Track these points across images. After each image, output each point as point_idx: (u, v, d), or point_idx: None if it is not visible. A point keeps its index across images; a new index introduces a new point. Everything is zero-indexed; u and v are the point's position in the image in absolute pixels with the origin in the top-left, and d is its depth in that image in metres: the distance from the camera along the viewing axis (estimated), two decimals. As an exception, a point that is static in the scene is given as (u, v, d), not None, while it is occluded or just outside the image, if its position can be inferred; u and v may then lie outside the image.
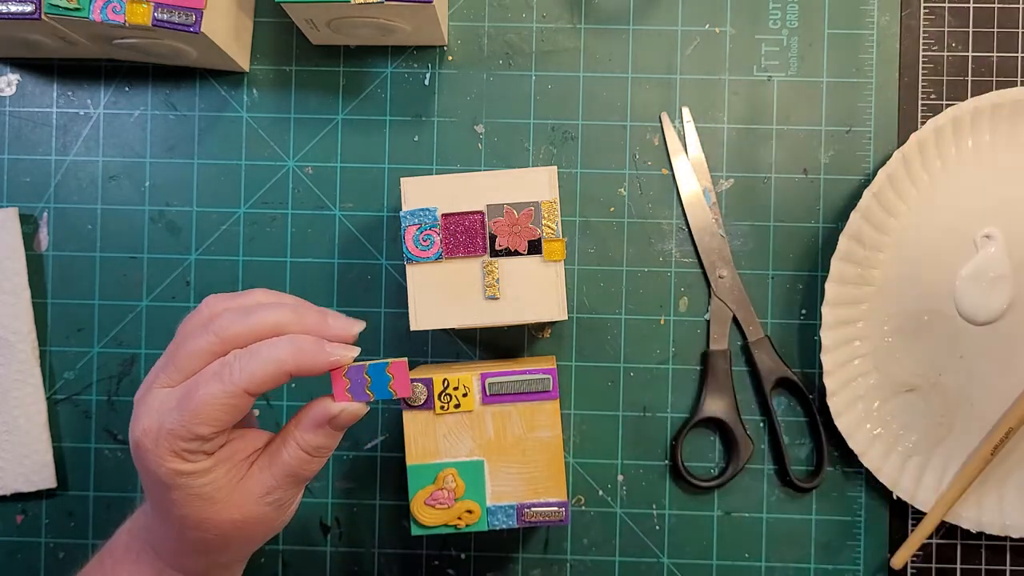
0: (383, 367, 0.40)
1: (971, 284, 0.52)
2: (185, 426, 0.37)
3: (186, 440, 0.37)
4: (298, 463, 0.40)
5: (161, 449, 0.37)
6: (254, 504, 0.39)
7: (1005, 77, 0.54)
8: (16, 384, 0.53)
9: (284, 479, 0.40)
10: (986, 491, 0.52)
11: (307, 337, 0.39)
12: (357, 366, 0.40)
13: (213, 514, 0.39)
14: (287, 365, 0.38)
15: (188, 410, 0.37)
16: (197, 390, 0.37)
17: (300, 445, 0.40)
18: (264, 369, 0.37)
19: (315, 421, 0.40)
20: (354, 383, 0.40)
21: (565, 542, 0.54)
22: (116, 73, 0.55)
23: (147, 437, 0.38)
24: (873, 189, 0.51)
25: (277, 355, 0.37)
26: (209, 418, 0.37)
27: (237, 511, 0.39)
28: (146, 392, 0.39)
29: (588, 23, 0.55)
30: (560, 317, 0.46)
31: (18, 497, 0.54)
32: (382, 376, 0.40)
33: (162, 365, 0.40)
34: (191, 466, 0.38)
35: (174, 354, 0.39)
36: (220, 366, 0.38)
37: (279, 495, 0.40)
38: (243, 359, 0.38)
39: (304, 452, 0.40)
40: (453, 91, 0.55)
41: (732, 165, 0.54)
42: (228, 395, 0.37)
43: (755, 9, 0.55)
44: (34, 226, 0.55)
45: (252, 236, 0.55)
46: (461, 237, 0.47)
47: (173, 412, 0.37)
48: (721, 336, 0.54)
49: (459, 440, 0.45)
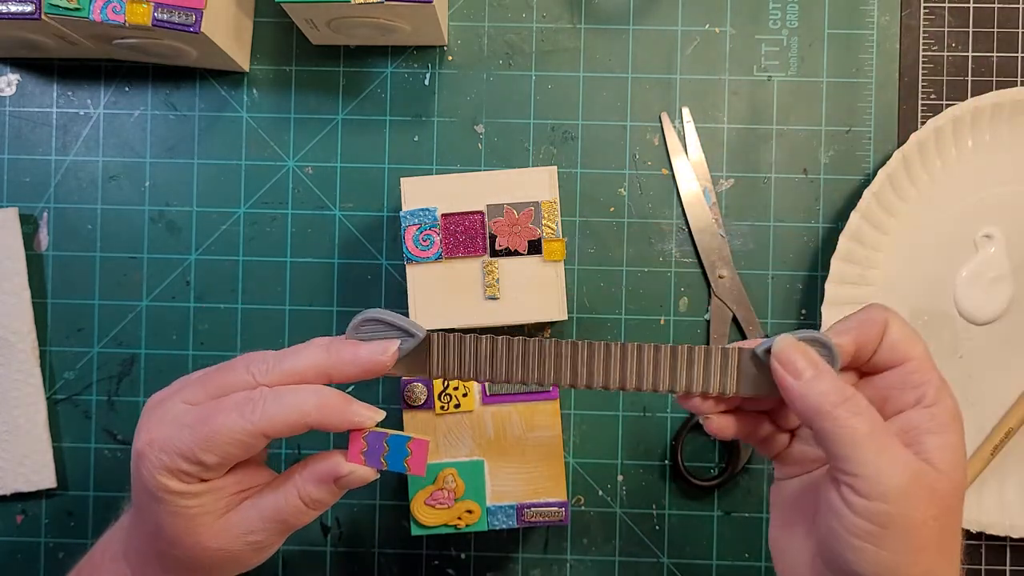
0: (404, 441, 0.39)
1: (971, 284, 0.52)
2: (193, 449, 0.36)
3: (189, 462, 0.36)
4: (292, 512, 0.39)
5: (160, 462, 0.37)
6: (233, 539, 0.38)
7: (1005, 77, 0.54)
8: (16, 384, 0.53)
9: (273, 524, 0.39)
10: (986, 491, 0.52)
11: (335, 393, 0.38)
12: (378, 432, 0.39)
13: (189, 536, 0.38)
14: (310, 417, 0.37)
15: (200, 434, 0.36)
16: (215, 417, 0.36)
17: (300, 495, 0.39)
18: (286, 416, 0.36)
19: (321, 476, 0.39)
20: (371, 448, 0.39)
21: (565, 542, 0.54)
22: (116, 73, 0.55)
23: (151, 447, 0.37)
24: (873, 189, 0.51)
25: (301, 405, 0.37)
26: (219, 449, 0.36)
27: (214, 540, 0.38)
28: (163, 401, 0.39)
29: (588, 23, 0.55)
30: (560, 317, 0.46)
31: (18, 497, 0.54)
32: (401, 449, 0.39)
33: (190, 382, 0.39)
34: (183, 487, 0.37)
35: (206, 378, 0.39)
36: (244, 400, 0.37)
37: (261, 537, 0.39)
38: (268, 400, 0.37)
39: (302, 503, 0.39)
40: (453, 91, 0.55)
41: (732, 165, 0.54)
42: (244, 432, 0.36)
43: (755, 9, 0.55)
44: (34, 226, 0.55)
45: (252, 236, 0.55)
46: (461, 237, 0.47)
47: (185, 430, 0.36)
48: (721, 336, 0.54)
49: (459, 440, 0.45)
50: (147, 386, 0.55)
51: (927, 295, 0.53)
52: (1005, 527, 0.52)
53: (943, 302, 0.53)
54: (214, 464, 0.37)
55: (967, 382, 0.52)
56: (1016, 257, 0.52)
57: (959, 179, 0.52)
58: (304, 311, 0.55)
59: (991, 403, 0.53)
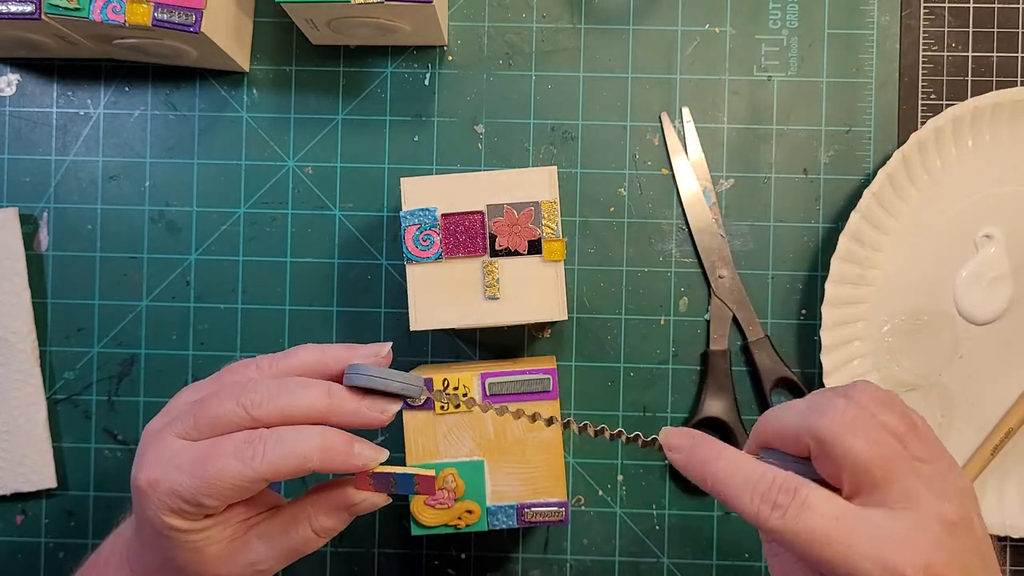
0: (410, 478, 0.39)
1: (971, 284, 0.52)
2: (193, 493, 0.36)
3: (190, 505, 0.36)
4: (303, 543, 0.39)
5: (163, 504, 0.36)
6: (240, 568, 0.38)
7: (1005, 77, 0.54)
8: (16, 384, 0.53)
9: (280, 553, 0.39)
10: (986, 491, 0.52)
11: (337, 436, 0.37)
12: (383, 474, 0.39)
13: (195, 565, 0.38)
14: (312, 462, 0.36)
15: (199, 478, 0.36)
16: (214, 462, 0.36)
17: (313, 527, 0.39)
18: (287, 462, 0.36)
19: (334, 506, 0.39)
20: (377, 482, 0.39)
21: (565, 542, 0.54)
22: (116, 73, 0.55)
23: (152, 489, 0.36)
24: (873, 189, 0.51)
25: (304, 450, 0.36)
26: (219, 493, 0.36)
27: (222, 568, 0.38)
28: (158, 433, 0.38)
29: (588, 23, 0.55)
30: (560, 317, 0.46)
31: (18, 497, 0.54)
32: (407, 484, 0.40)
33: (182, 412, 0.38)
34: (188, 524, 0.37)
35: (199, 409, 0.38)
36: (244, 444, 0.36)
37: (268, 566, 0.39)
38: (269, 445, 0.36)
39: (314, 534, 0.39)
40: (453, 91, 0.55)
41: (732, 165, 0.54)
42: (244, 478, 0.36)
43: (755, 9, 0.54)
44: (34, 226, 0.55)
45: (252, 236, 0.55)
46: (461, 237, 0.47)
47: (184, 474, 0.36)
48: (721, 336, 0.54)
49: (459, 440, 0.45)
50: (147, 386, 0.55)
51: (927, 295, 0.53)
52: (1005, 527, 0.52)
53: (943, 302, 0.53)
54: (215, 506, 0.37)
55: (967, 382, 0.53)
56: (1016, 257, 0.52)
57: (959, 179, 0.52)
58: (304, 311, 0.55)
59: (991, 403, 0.53)
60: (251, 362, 0.40)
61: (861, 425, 0.32)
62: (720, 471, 0.34)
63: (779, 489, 0.32)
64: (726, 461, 0.34)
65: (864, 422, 0.32)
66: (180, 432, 0.37)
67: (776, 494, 0.32)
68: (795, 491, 0.32)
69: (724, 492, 0.33)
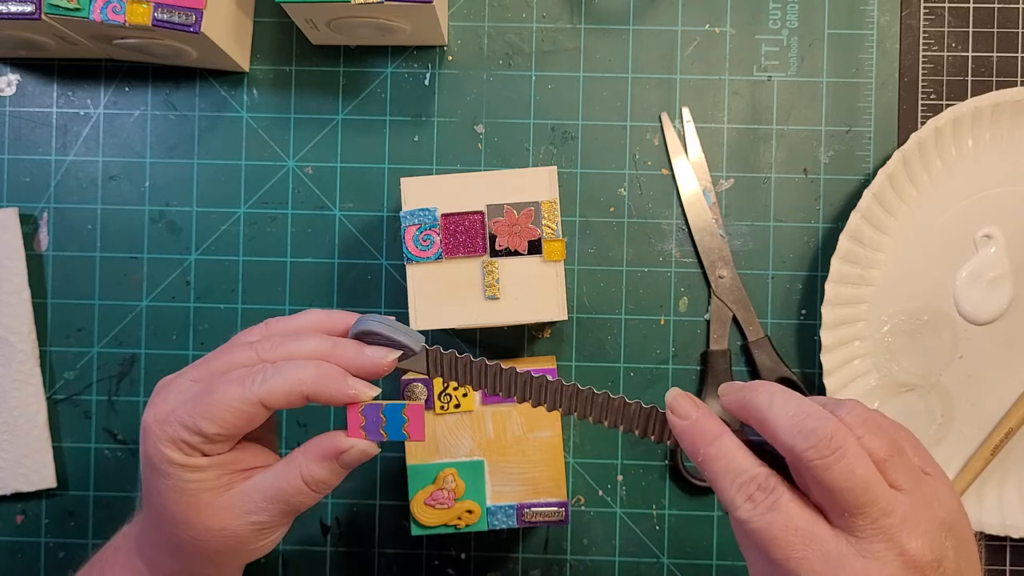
0: (399, 408, 0.40)
1: (971, 284, 0.52)
2: (194, 419, 0.37)
3: (190, 432, 0.37)
4: (294, 492, 0.39)
5: (164, 434, 0.38)
6: (236, 519, 0.39)
7: (1005, 77, 0.54)
8: (16, 384, 0.53)
9: (275, 504, 0.39)
10: (986, 491, 0.52)
11: (333, 367, 0.39)
12: (373, 404, 0.40)
13: (193, 515, 0.39)
14: (305, 387, 0.38)
15: (202, 403, 0.38)
16: (216, 389, 0.38)
17: (303, 475, 0.39)
18: (284, 386, 0.38)
19: (323, 453, 0.39)
20: (369, 421, 0.40)
21: (565, 542, 0.54)
22: (116, 73, 0.55)
23: (156, 421, 0.38)
24: (873, 189, 0.51)
25: (299, 375, 0.38)
26: (219, 418, 0.37)
27: (217, 520, 0.39)
28: (171, 381, 0.40)
29: (588, 23, 0.55)
30: (560, 317, 0.46)
31: (18, 497, 0.54)
32: (397, 418, 0.40)
33: (197, 363, 0.41)
34: (185, 459, 0.38)
35: (212, 357, 0.40)
36: (245, 372, 0.38)
37: (264, 518, 0.39)
38: (268, 371, 0.38)
39: (304, 483, 0.39)
40: (453, 91, 0.55)
41: (732, 165, 0.54)
42: (243, 401, 0.37)
43: (755, 9, 0.54)
44: (34, 226, 0.55)
45: (252, 236, 0.55)
46: (461, 237, 0.47)
47: (188, 403, 0.38)
48: (721, 336, 0.54)
49: (459, 440, 0.45)
50: (147, 386, 0.55)
51: (927, 295, 0.53)
52: (1005, 527, 0.52)
53: (943, 302, 0.53)
54: (214, 434, 0.38)
55: (967, 382, 0.53)
56: (1016, 257, 0.52)
57: (959, 179, 0.52)
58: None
59: (991, 403, 0.53)
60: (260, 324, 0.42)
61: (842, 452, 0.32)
62: (712, 452, 0.36)
63: (757, 486, 0.34)
64: (720, 447, 0.36)
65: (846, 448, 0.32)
66: (192, 376, 0.40)
67: (753, 489, 0.34)
68: (771, 491, 0.34)
69: (709, 470, 0.36)
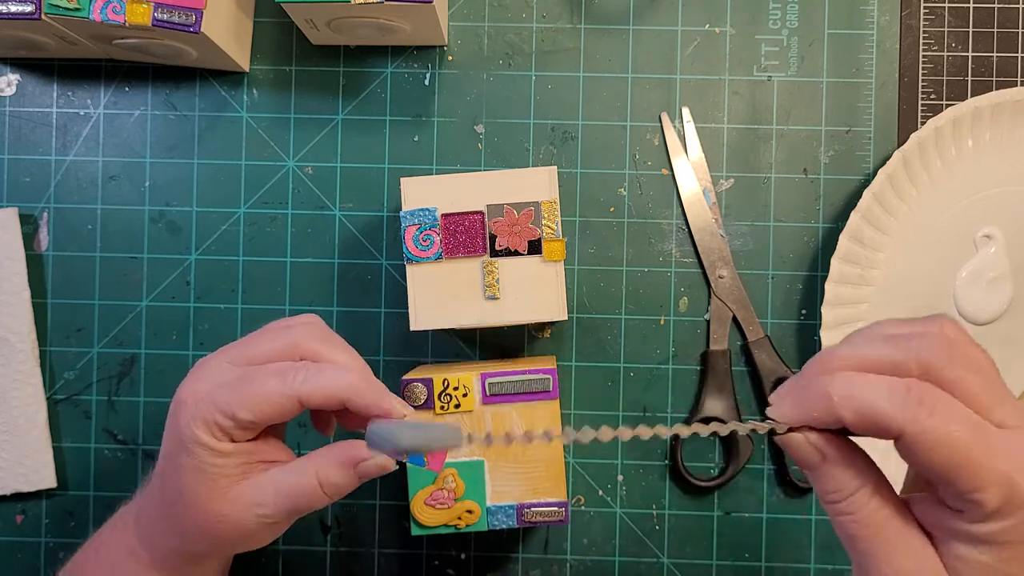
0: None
1: (971, 284, 0.52)
2: (231, 404, 0.38)
3: (224, 416, 0.38)
4: (307, 493, 0.40)
5: (199, 412, 0.38)
6: (244, 508, 0.39)
7: (1005, 77, 0.54)
8: (16, 384, 0.53)
9: (284, 500, 0.39)
10: (986, 491, 0.52)
11: (375, 380, 0.40)
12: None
13: (205, 496, 0.39)
14: (345, 392, 0.39)
15: (240, 391, 0.38)
16: (256, 378, 0.39)
17: (319, 477, 0.40)
18: (324, 387, 0.39)
19: (342, 459, 0.40)
20: None
21: (565, 542, 0.54)
22: (116, 73, 0.55)
23: (191, 398, 0.39)
24: (873, 189, 0.51)
25: (341, 380, 0.39)
26: (255, 408, 0.38)
27: (227, 506, 0.39)
28: (209, 360, 0.41)
29: (588, 23, 0.55)
30: (560, 317, 0.46)
31: (18, 497, 0.54)
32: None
33: (236, 344, 0.41)
34: (213, 442, 0.38)
35: (250, 341, 0.41)
36: (287, 367, 0.39)
37: (271, 512, 0.40)
38: (310, 370, 0.39)
39: (318, 484, 0.40)
40: (453, 91, 0.55)
41: (732, 165, 0.54)
42: (282, 395, 0.38)
43: (755, 9, 0.54)
44: (34, 226, 0.55)
45: (252, 236, 0.55)
46: (461, 237, 0.47)
47: (226, 387, 0.39)
48: (721, 336, 0.54)
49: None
50: (147, 386, 0.55)
51: (927, 295, 0.53)
52: (1005, 527, 0.52)
53: (943, 302, 0.53)
54: (247, 422, 0.38)
55: (967, 382, 0.52)
56: (1016, 257, 0.52)
57: (959, 179, 0.52)
58: (304, 311, 0.54)
59: (991, 403, 0.52)
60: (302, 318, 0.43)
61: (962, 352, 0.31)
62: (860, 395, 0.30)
63: (921, 388, 0.30)
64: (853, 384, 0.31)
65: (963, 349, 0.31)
66: (231, 358, 0.40)
67: (921, 392, 0.30)
68: (936, 392, 0.30)
69: (862, 409, 0.30)
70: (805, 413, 0.31)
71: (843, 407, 0.30)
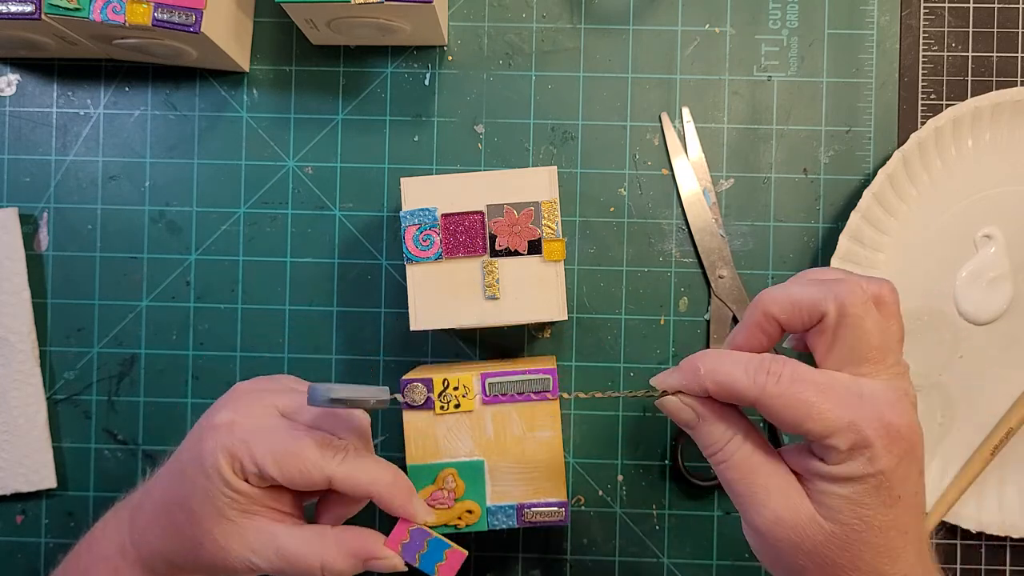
0: (444, 547, 0.41)
1: (971, 284, 0.52)
2: (263, 455, 0.38)
3: (251, 463, 0.38)
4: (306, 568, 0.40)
5: (228, 447, 0.38)
6: (240, 549, 0.39)
7: (1005, 77, 0.54)
8: (16, 384, 0.53)
9: (280, 563, 0.40)
10: (986, 491, 0.52)
11: (407, 481, 0.42)
12: (422, 530, 0.41)
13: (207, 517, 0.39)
14: (375, 489, 0.40)
15: (278, 447, 0.38)
16: (299, 441, 0.39)
17: (323, 562, 0.40)
18: (359, 478, 0.39)
19: (356, 552, 0.40)
20: (412, 542, 0.41)
21: (565, 542, 0.54)
22: (116, 73, 0.55)
23: (228, 429, 0.39)
24: (873, 189, 0.51)
25: (378, 477, 0.40)
26: (286, 469, 0.38)
27: (225, 538, 0.39)
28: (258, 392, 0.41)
29: (588, 23, 0.55)
30: (560, 317, 0.46)
31: (18, 497, 0.54)
32: (437, 553, 0.41)
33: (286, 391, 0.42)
34: (231, 477, 0.39)
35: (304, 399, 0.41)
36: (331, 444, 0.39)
37: (262, 564, 0.40)
38: (350, 456, 0.39)
39: (319, 567, 0.40)
40: (453, 91, 0.55)
41: (732, 165, 0.54)
42: (316, 468, 0.38)
43: (755, 9, 0.54)
44: (34, 226, 0.55)
45: (252, 236, 0.55)
46: (461, 237, 0.47)
47: (266, 435, 0.39)
48: (721, 336, 0.54)
49: (459, 440, 0.45)
50: (147, 386, 0.55)
51: (927, 295, 0.53)
52: (1005, 527, 0.52)
53: (943, 302, 0.53)
54: (271, 479, 0.38)
55: (967, 382, 0.53)
56: (1016, 257, 0.52)
57: (959, 179, 0.52)
58: (304, 311, 0.55)
59: (991, 403, 0.53)
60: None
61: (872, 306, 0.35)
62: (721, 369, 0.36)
63: (771, 360, 0.35)
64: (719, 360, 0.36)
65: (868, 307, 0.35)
66: (283, 406, 0.41)
67: (770, 364, 0.35)
68: (785, 362, 0.35)
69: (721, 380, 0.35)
70: (678, 383, 0.37)
71: (707, 378, 0.35)
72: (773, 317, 0.36)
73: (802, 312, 0.35)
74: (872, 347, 0.34)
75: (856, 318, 0.34)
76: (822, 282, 0.36)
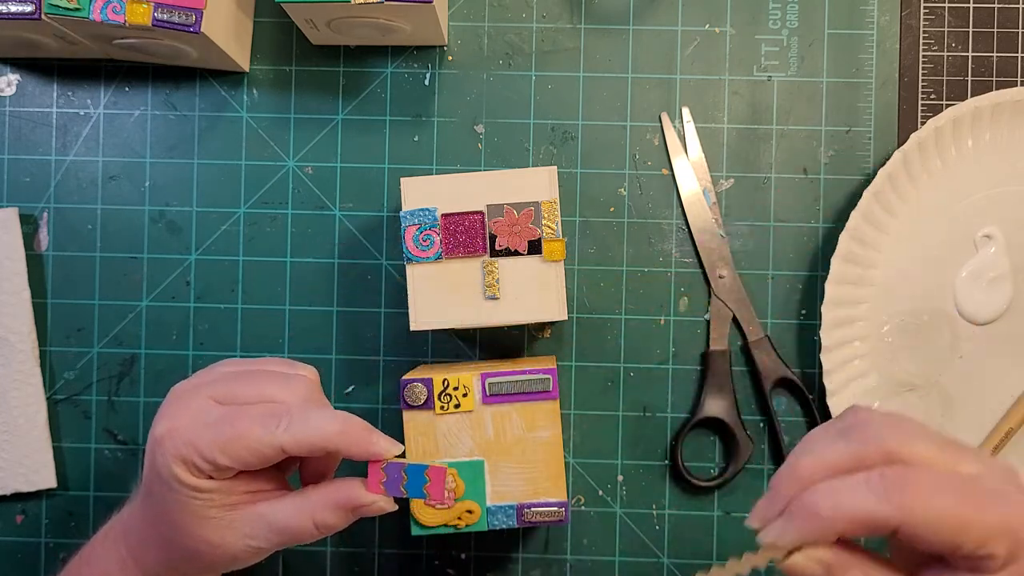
0: (422, 469, 0.41)
1: (971, 284, 0.52)
2: (211, 449, 0.37)
3: (203, 460, 0.37)
4: (300, 532, 0.39)
5: (177, 452, 0.37)
6: (236, 539, 0.39)
7: (1005, 77, 0.54)
8: (16, 384, 0.53)
9: (277, 536, 0.39)
10: (986, 491, 0.52)
11: (358, 421, 0.39)
12: (395, 463, 0.40)
13: (194, 527, 0.39)
14: (331, 442, 0.38)
15: (221, 436, 0.37)
16: (238, 423, 0.37)
17: (314, 520, 0.39)
18: (308, 437, 0.38)
19: (340, 503, 0.39)
20: (390, 479, 0.40)
21: (565, 542, 0.54)
22: (116, 73, 0.55)
23: (170, 436, 0.38)
24: (873, 189, 0.51)
25: (326, 429, 0.38)
26: (235, 454, 0.37)
27: (217, 535, 0.39)
28: (190, 392, 0.40)
29: (588, 23, 0.55)
30: (560, 317, 0.46)
31: (18, 497, 0.54)
32: (419, 478, 0.41)
33: (220, 378, 0.40)
34: (193, 480, 0.38)
35: (237, 378, 0.40)
36: (269, 412, 0.38)
37: (263, 545, 0.39)
38: (295, 419, 0.38)
39: (312, 525, 0.39)
40: (453, 91, 0.55)
41: (732, 165, 0.54)
42: (264, 444, 0.37)
43: (755, 9, 0.54)
44: (34, 226, 0.55)
45: (252, 236, 0.55)
46: (461, 237, 0.47)
47: (207, 429, 0.37)
48: (721, 336, 0.54)
49: (459, 440, 0.45)
50: (147, 386, 0.55)
51: (927, 295, 0.53)
52: (1005, 527, 0.52)
53: (943, 302, 0.53)
54: (226, 467, 0.38)
55: (967, 382, 0.53)
56: (1016, 257, 0.52)
57: (959, 179, 0.52)
58: (304, 311, 0.55)
59: (991, 403, 0.53)
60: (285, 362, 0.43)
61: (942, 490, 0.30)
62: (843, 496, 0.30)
63: (894, 473, 0.30)
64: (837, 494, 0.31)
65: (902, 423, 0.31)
66: (214, 395, 0.39)
67: (895, 476, 0.30)
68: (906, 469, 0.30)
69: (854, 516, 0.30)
70: (801, 536, 0.31)
71: (837, 520, 0.30)
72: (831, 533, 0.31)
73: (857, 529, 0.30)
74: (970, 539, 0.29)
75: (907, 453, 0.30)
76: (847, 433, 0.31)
